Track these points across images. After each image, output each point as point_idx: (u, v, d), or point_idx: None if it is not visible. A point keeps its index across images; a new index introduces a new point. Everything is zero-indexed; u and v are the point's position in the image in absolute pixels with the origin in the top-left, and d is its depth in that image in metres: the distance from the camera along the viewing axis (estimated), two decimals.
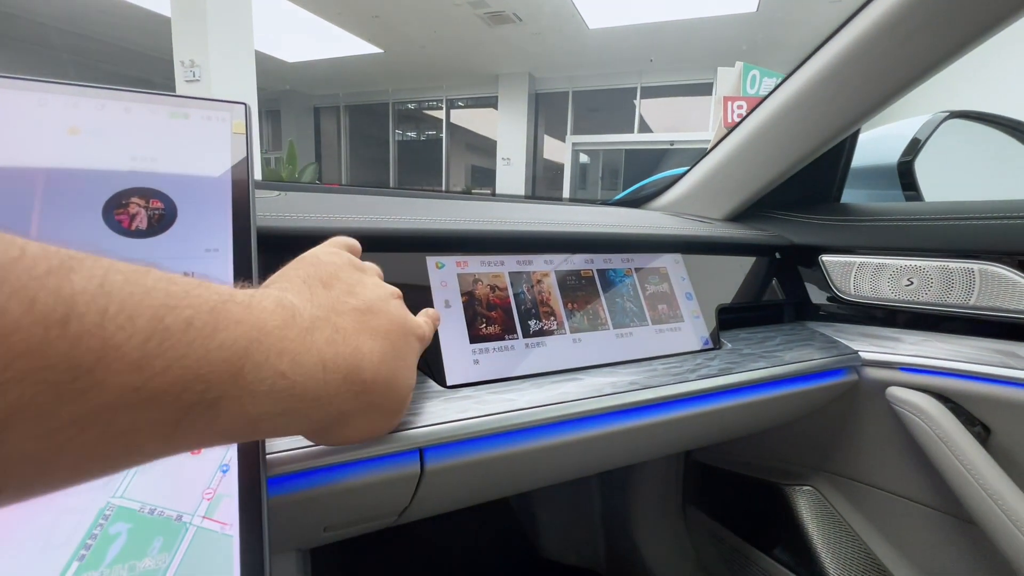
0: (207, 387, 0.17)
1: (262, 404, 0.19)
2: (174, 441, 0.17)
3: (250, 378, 0.18)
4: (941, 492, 0.54)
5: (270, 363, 0.19)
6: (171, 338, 0.16)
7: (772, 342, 0.58)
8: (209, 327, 0.17)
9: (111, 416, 0.15)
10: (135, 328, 0.15)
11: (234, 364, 0.18)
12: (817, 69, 0.59)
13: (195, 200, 0.32)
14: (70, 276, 0.14)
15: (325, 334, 0.22)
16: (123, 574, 0.23)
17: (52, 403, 0.13)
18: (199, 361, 0.16)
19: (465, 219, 0.48)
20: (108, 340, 0.14)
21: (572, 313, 0.49)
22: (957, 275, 0.53)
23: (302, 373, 0.20)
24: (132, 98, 0.33)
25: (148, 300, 0.16)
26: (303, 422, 0.22)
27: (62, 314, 0.13)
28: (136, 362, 0.15)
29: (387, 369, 0.25)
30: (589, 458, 0.46)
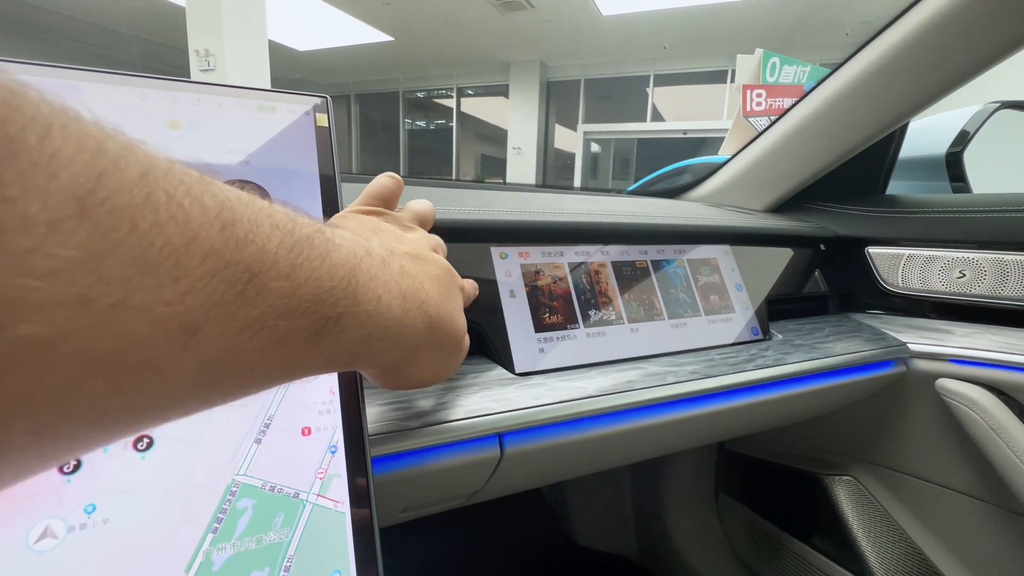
0: (335, 301, 0.17)
1: (370, 326, 0.20)
2: (312, 354, 0.18)
3: (362, 297, 0.19)
4: (990, 483, 0.55)
5: (371, 286, 0.20)
6: (303, 251, 0.16)
7: (820, 333, 0.58)
8: (323, 246, 0.17)
9: (274, 323, 0.15)
10: (280, 237, 0.15)
11: (350, 283, 0.18)
12: (870, 60, 0.59)
13: (287, 192, 0.33)
14: (213, 182, 0.14)
15: (396, 267, 0.23)
16: (251, 545, 0.25)
17: (235, 303, 0.14)
18: (327, 275, 0.17)
19: (525, 210, 0.49)
20: (264, 246, 0.15)
21: (629, 303, 0.49)
22: (1013, 267, 0.53)
23: (389, 300, 0.21)
24: (223, 92, 0.34)
25: (275, 215, 0.16)
26: (391, 351, 0.23)
27: (228, 216, 0.14)
28: (286, 271, 0.15)
29: (446, 310, 0.26)
30: (648, 444, 0.47)
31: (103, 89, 0.30)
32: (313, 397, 0.29)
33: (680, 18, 5.67)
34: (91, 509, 0.23)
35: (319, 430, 0.28)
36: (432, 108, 9.66)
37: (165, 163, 0.13)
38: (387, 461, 0.33)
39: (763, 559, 0.80)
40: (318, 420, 0.29)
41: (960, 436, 0.55)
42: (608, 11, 5.65)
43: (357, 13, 6.12)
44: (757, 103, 3.29)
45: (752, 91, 3.26)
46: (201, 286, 0.13)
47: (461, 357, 0.30)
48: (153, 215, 0.12)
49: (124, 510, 0.23)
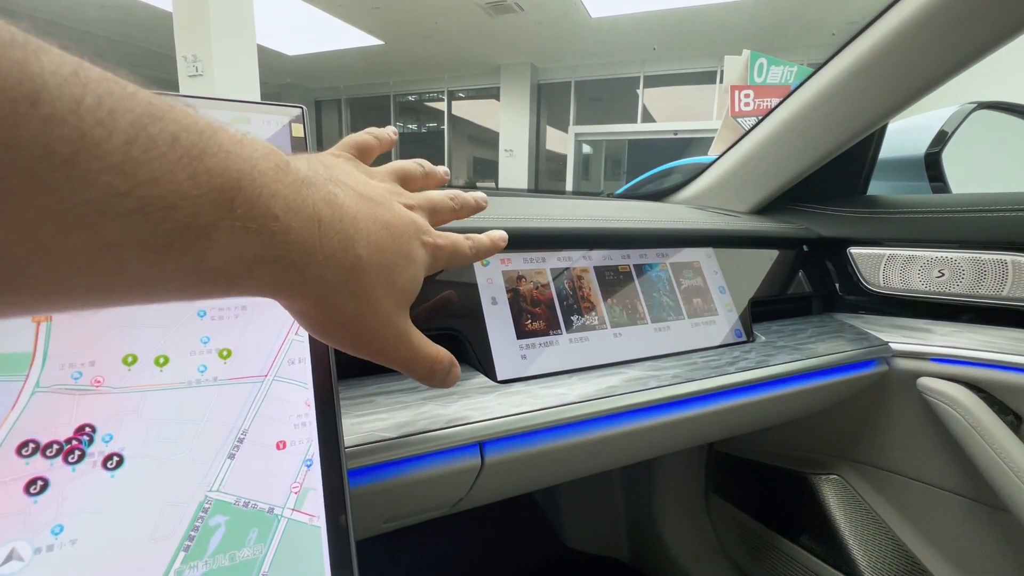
0: (197, 211, 0.16)
1: (256, 244, 0.18)
2: (166, 269, 0.16)
3: (241, 212, 0.17)
4: (972, 480, 0.55)
5: (263, 202, 0.18)
6: (155, 149, 0.15)
7: (803, 334, 0.59)
8: (197, 148, 0.16)
9: (96, 220, 0.14)
10: (115, 126, 0.14)
11: (225, 193, 0.16)
12: (849, 63, 0.59)
13: None
14: (38, 55, 0.13)
15: (321, 193, 0.21)
16: (225, 563, 0.25)
17: (28, 188, 0.12)
18: (188, 181, 0.15)
19: (507, 216, 0.49)
20: (86, 133, 0.13)
21: (612, 308, 0.49)
22: (990, 266, 0.54)
23: (296, 222, 0.19)
24: (198, 104, 0.34)
25: (130, 103, 0.15)
26: (298, 280, 0.20)
27: (30, 91, 0.12)
28: (119, 164, 0.14)
29: (383, 258, 0.23)
30: (632, 449, 0.48)
31: None
32: (288, 410, 0.29)
33: (669, 19, 5.72)
34: (58, 530, 0.23)
35: (294, 444, 0.28)
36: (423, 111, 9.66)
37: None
38: (365, 473, 0.32)
39: (753, 559, 0.80)
40: (293, 433, 0.28)
41: (942, 434, 0.55)
42: (597, 13, 5.68)
43: (346, 17, 6.11)
44: (745, 103, 3.32)
45: (740, 91, 3.29)
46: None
47: (400, 316, 0.25)
48: None
49: (93, 530, 0.23)
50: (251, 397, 0.28)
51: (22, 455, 0.23)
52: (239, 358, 0.28)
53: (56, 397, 0.24)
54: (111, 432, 0.25)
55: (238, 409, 0.28)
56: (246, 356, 0.29)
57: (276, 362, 0.29)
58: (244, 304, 0.30)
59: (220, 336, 0.28)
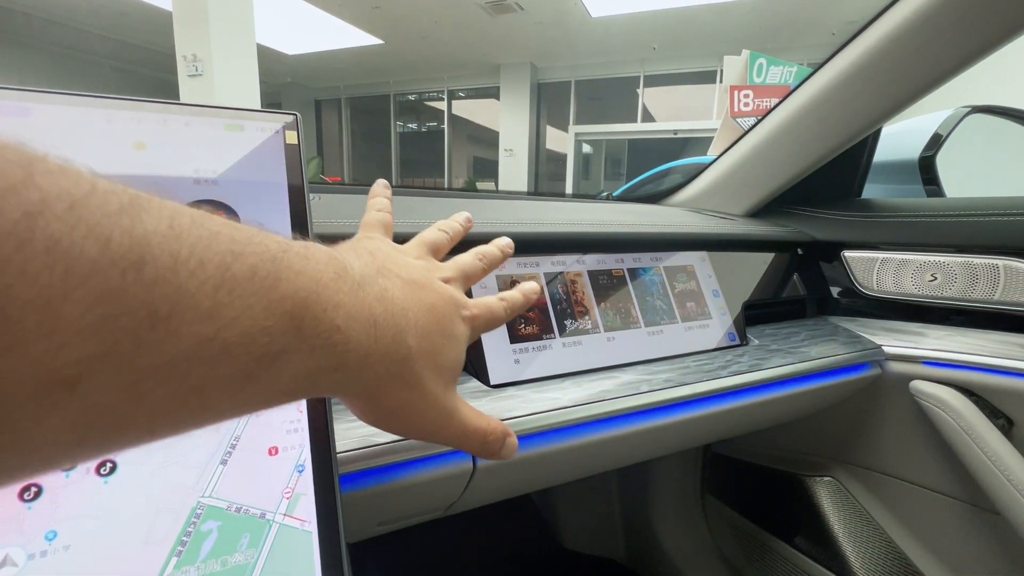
0: (271, 340, 0.16)
1: (320, 358, 0.19)
2: (242, 398, 0.17)
3: (309, 331, 0.18)
4: (963, 482, 0.56)
5: (327, 316, 0.18)
6: (238, 287, 0.15)
7: (797, 337, 0.59)
8: (272, 277, 0.17)
9: (186, 369, 0.14)
10: (206, 275, 0.14)
11: (295, 317, 0.17)
12: (843, 67, 0.59)
13: (257, 211, 0.33)
14: (141, 216, 0.13)
15: (375, 291, 0.22)
16: (216, 568, 0.25)
17: (132, 352, 0.13)
18: (264, 312, 0.16)
19: (499, 221, 0.49)
20: (182, 287, 0.14)
21: (605, 312, 0.50)
22: (982, 270, 0.54)
23: (355, 328, 0.20)
24: (191, 111, 0.34)
25: (216, 245, 0.15)
26: (355, 382, 0.21)
27: (137, 256, 0.13)
28: (208, 311, 0.14)
29: (430, 343, 0.24)
30: (624, 452, 0.48)
31: (65, 112, 0.30)
32: (280, 416, 0.29)
33: (668, 19, 5.71)
34: (52, 536, 0.23)
35: (286, 449, 0.29)
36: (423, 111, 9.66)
37: (80, 191, 0.12)
38: (358, 478, 0.33)
39: (748, 560, 0.80)
40: (285, 439, 0.29)
41: (934, 436, 0.56)
42: (597, 13, 5.67)
43: (346, 16, 6.11)
44: (744, 103, 3.32)
45: (739, 92, 3.29)
46: (85, 337, 0.12)
47: (445, 405, 0.26)
48: (22, 265, 0.11)
49: (86, 536, 0.23)
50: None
51: None
52: None
53: None
54: None
55: None
56: None
57: None
58: None
59: None
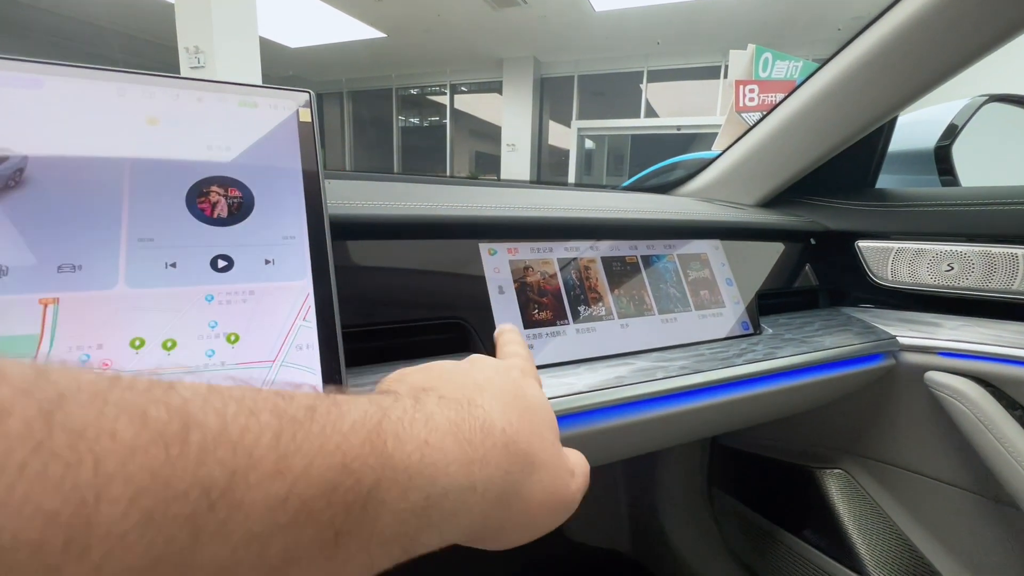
0: (357, 478, 0.14)
1: (422, 484, 0.16)
2: (337, 561, 0.14)
3: (397, 454, 0.15)
4: (978, 475, 0.55)
5: (408, 432, 0.16)
6: (301, 429, 0.13)
7: (811, 327, 0.58)
8: (334, 411, 0.15)
9: (262, 545, 0.12)
10: (261, 426, 0.13)
11: (376, 442, 0.15)
12: (858, 54, 0.58)
13: (270, 188, 0.33)
14: (174, 386, 0.12)
15: (432, 399, 0.19)
16: None
17: (190, 544, 0.11)
18: (339, 447, 0.14)
19: (514, 206, 0.48)
20: (237, 446, 0.12)
21: (619, 298, 0.49)
22: (1000, 260, 0.54)
23: (441, 434, 0.17)
24: (204, 87, 0.33)
25: (263, 395, 0.14)
26: (471, 496, 0.18)
27: (180, 425, 0.11)
28: (274, 466, 0.12)
29: (513, 411, 0.21)
30: (639, 439, 0.47)
31: (78, 84, 0.29)
32: None
33: (673, 13, 5.67)
34: None
35: None
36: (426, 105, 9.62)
37: (104, 381, 0.11)
38: None
39: (755, 552, 0.80)
40: None
41: (949, 428, 0.55)
42: (601, 7, 5.63)
43: (349, 9, 6.07)
44: (750, 98, 3.29)
45: (745, 86, 3.27)
46: (129, 545, 0.10)
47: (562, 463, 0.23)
48: (40, 470, 0.09)
49: None
50: (259, 382, 0.28)
51: None
52: (247, 343, 0.28)
53: None
54: None
55: None
56: (254, 341, 0.28)
57: (284, 347, 0.29)
58: (252, 289, 0.30)
59: (228, 321, 0.28)
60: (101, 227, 0.27)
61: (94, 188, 0.28)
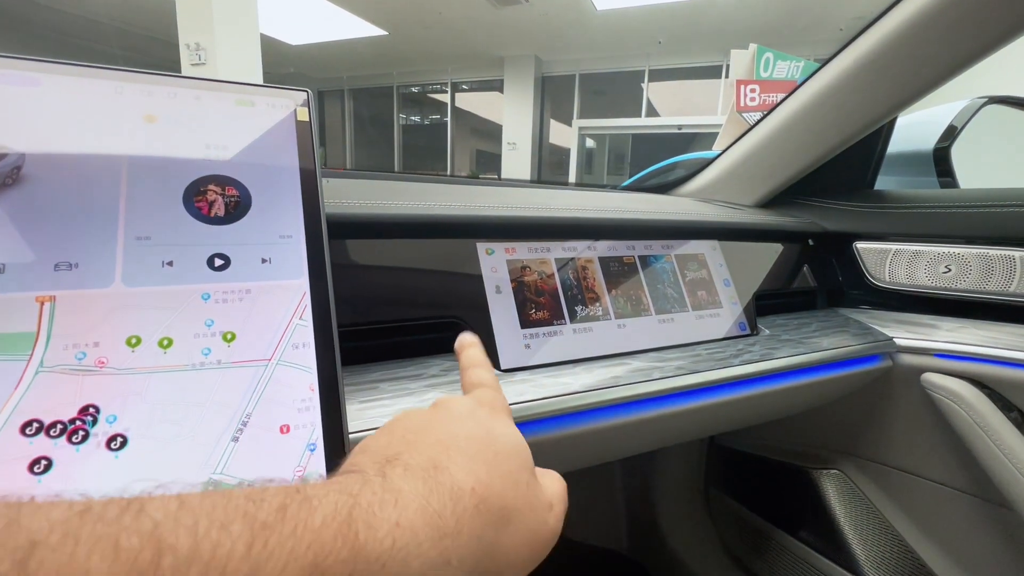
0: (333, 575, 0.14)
1: (396, 570, 0.16)
2: None
3: (369, 543, 0.16)
4: (974, 476, 0.55)
5: (378, 517, 0.16)
6: (273, 533, 0.14)
7: (808, 328, 0.58)
8: (305, 508, 0.15)
9: None
10: (233, 537, 0.13)
11: (346, 536, 0.15)
12: (858, 55, 0.58)
13: (267, 187, 0.33)
14: (145, 508, 0.13)
15: (398, 471, 0.19)
16: None
17: None
18: (310, 547, 0.14)
19: (512, 206, 0.48)
20: (209, 564, 0.12)
21: (616, 299, 0.49)
22: (997, 262, 0.54)
23: (411, 513, 0.17)
24: (201, 86, 0.33)
25: (233, 501, 0.14)
26: (447, 570, 0.18)
27: (152, 552, 0.12)
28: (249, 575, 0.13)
29: (482, 465, 0.21)
30: (635, 439, 0.48)
31: (75, 82, 0.29)
32: (292, 395, 0.29)
33: (674, 12, 5.66)
34: None
35: (298, 428, 0.28)
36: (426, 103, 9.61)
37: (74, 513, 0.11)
38: None
39: (752, 552, 0.80)
40: (297, 418, 0.28)
41: (945, 430, 0.55)
42: (603, 6, 5.62)
43: (350, 7, 6.06)
44: (751, 98, 3.29)
45: (746, 86, 3.26)
46: None
47: (538, 497, 0.23)
48: None
49: None
50: (255, 380, 0.28)
51: (26, 435, 0.23)
52: (243, 341, 0.28)
53: (60, 377, 0.24)
54: (115, 413, 0.25)
55: (242, 392, 0.28)
56: (250, 340, 0.29)
57: (280, 346, 0.29)
58: (249, 288, 0.30)
59: (224, 319, 0.28)
60: (98, 225, 0.27)
61: (91, 186, 0.28)
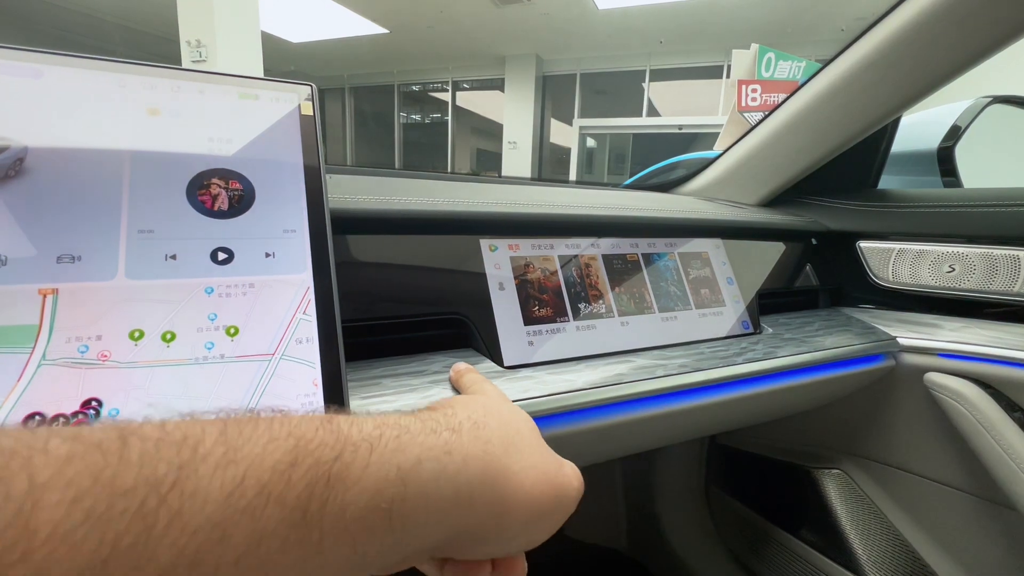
0: (316, 457, 0.14)
1: (387, 455, 0.16)
2: (315, 546, 0.14)
3: (355, 432, 0.16)
4: (977, 477, 0.55)
5: (365, 421, 0.17)
6: (248, 425, 0.14)
7: (811, 327, 0.58)
8: (279, 415, 0.16)
9: (224, 531, 0.12)
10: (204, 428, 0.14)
11: (329, 426, 0.15)
12: (862, 54, 0.58)
13: (271, 181, 0.33)
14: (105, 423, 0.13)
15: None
16: None
17: (144, 537, 0.11)
18: (291, 433, 0.15)
19: (515, 203, 0.48)
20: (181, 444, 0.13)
21: (619, 296, 0.49)
22: (1002, 262, 0.54)
23: (396, 417, 0.18)
24: (204, 79, 0.33)
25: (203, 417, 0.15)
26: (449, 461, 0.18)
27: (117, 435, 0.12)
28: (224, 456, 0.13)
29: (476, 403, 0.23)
30: (638, 437, 0.47)
31: (78, 74, 0.29)
32: (295, 389, 0.29)
33: (676, 12, 5.65)
34: None
35: None
36: (427, 101, 9.60)
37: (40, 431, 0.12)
38: None
39: (753, 551, 0.80)
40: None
41: (948, 430, 0.55)
42: (604, 5, 5.62)
43: (351, 4, 6.05)
44: (752, 98, 3.29)
45: (747, 86, 3.26)
46: (75, 542, 0.10)
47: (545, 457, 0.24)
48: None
49: None
50: (258, 375, 0.28)
51: (28, 427, 0.23)
52: (246, 336, 0.28)
53: (62, 370, 0.24)
54: (117, 407, 0.25)
55: (245, 387, 0.27)
56: (253, 334, 0.28)
57: (284, 341, 0.29)
58: (252, 282, 0.29)
59: (228, 313, 0.28)
60: (101, 218, 0.27)
61: (94, 179, 0.28)
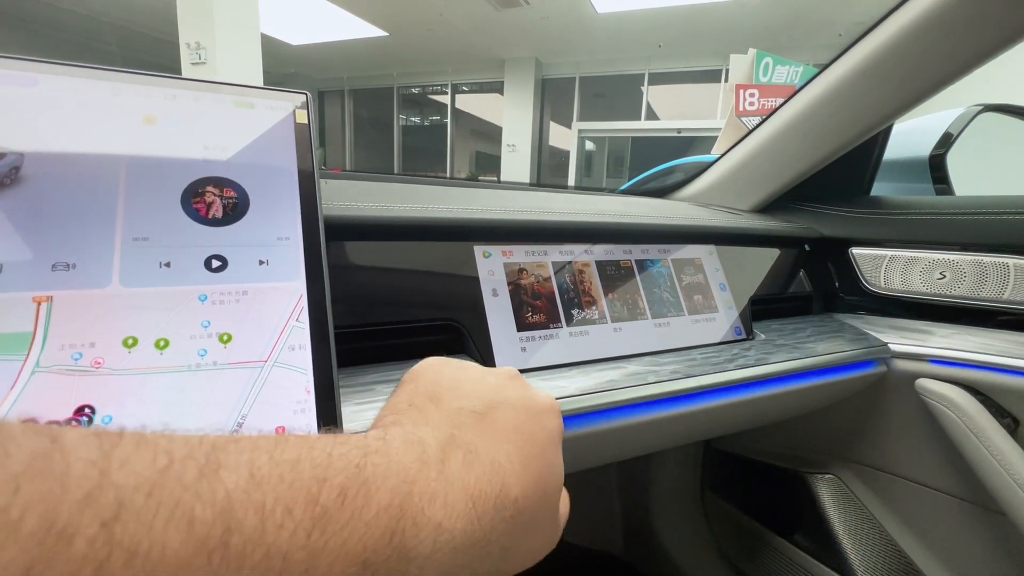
0: (372, 572, 0.14)
1: (431, 568, 0.16)
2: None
3: (412, 543, 0.16)
4: (967, 482, 0.55)
5: (426, 516, 0.16)
6: (331, 522, 0.14)
7: (803, 333, 0.59)
8: (362, 495, 0.15)
9: None
10: (295, 522, 0.13)
11: (395, 532, 0.15)
12: (855, 62, 0.59)
13: (265, 189, 0.33)
14: (220, 474, 0.13)
15: (459, 458, 0.19)
16: None
17: None
18: (360, 541, 0.14)
19: (509, 209, 0.48)
20: (271, 548, 0.12)
21: (612, 302, 0.49)
22: (991, 269, 0.54)
23: (455, 515, 0.17)
24: (200, 88, 0.34)
25: (299, 480, 0.14)
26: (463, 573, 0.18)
27: (223, 528, 0.12)
28: (302, 565, 0.13)
29: (531, 474, 0.21)
30: (630, 443, 0.48)
31: (74, 83, 0.29)
32: (288, 396, 0.29)
33: (675, 17, 5.68)
34: None
35: (294, 430, 0.28)
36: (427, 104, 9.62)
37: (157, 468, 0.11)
38: None
39: (747, 556, 0.80)
40: (292, 420, 0.28)
41: (939, 435, 0.56)
42: (603, 9, 5.64)
43: (351, 7, 6.07)
44: (750, 103, 3.30)
45: (745, 91, 3.28)
46: None
47: (559, 517, 0.24)
48: None
49: None
50: (251, 382, 0.28)
51: None
52: (239, 343, 0.28)
53: (56, 377, 0.24)
54: (110, 414, 0.25)
55: (238, 394, 0.28)
56: (246, 341, 0.29)
57: (276, 348, 0.29)
58: (245, 289, 0.30)
59: (221, 320, 0.28)
60: (96, 226, 0.27)
61: (89, 187, 0.28)
